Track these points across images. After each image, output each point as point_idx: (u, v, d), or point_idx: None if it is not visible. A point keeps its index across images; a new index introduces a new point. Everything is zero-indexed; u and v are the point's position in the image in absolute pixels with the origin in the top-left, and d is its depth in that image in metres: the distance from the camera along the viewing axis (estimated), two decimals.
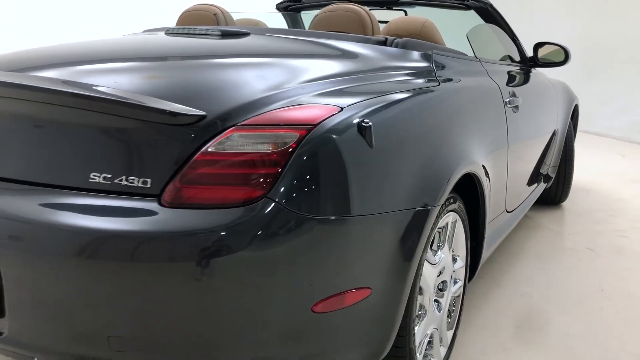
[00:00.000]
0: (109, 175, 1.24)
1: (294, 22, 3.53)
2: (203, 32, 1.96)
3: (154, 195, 1.21)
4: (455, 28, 2.98)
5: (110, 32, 3.74)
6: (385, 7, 3.20)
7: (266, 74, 1.60)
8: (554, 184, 3.76)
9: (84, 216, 1.21)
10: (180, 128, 1.24)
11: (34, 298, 1.25)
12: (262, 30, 2.15)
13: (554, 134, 3.36)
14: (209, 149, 1.23)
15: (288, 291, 1.24)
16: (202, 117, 1.25)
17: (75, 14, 6.83)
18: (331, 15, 2.17)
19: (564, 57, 3.02)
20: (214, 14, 2.40)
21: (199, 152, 1.23)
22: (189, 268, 1.17)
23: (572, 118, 3.87)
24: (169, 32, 2.06)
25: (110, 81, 1.41)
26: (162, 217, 1.19)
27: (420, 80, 1.83)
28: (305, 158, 1.24)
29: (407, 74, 1.85)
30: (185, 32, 2.00)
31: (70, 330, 1.25)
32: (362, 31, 2.13)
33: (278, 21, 3.44)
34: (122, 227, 1.18)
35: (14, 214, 1.25)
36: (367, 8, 2.24)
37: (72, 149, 1.30)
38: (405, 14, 3.15)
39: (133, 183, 1.22)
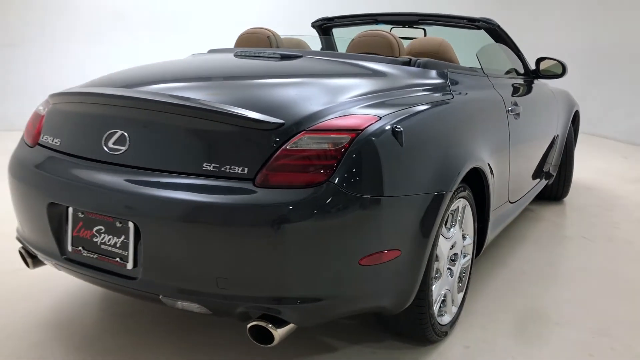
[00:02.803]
0: (217, 165, 1.74)
1: (327, 38, 4.04)
2: (266, 54, 2.47)
3: (249, 179, 1.71)
4: (466, 41, 3.48)
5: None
6: (407, 26, 3.68)
7: (322, 91, 2.11)
8: (555, 182, 4.22)
9: (200, 193, 1.72)
10: (266, 132, 1.74)
11: (163, 252, 1.76)
12: (310, 52, 2.65)
13: (554, 136, 3.83)
14: (287, 147, 1.73)
15: (342, 247, 1.73)
16: (282, 124, 1.75)
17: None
18: (366, 40, 2.68)
19: (562, 70, 3.49)
20: (267, 37, 2.91)
21: (280, 149, 1.73)
22: (274, 229, 1.66)
23: (573, 122, 4.33)
24: (238, 54, 2.57)
25: (212, 96, 1.92)
26: (256, 194, 1.69)
27: (438, 94, 2.32)
28: (354, 154, 1.74)
29: (427, 89, 2.34)
30: (252, 54, 2.51)
31: (188, 274, 1.75)
32: (390, 52, 2.63)
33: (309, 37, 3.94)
34: (228, 200, 1.69)
35: (151, 193, 1.76)
36: (394, 33, 2.74)
37: (189, 146, 1.80)
38: (425, 32, 3.63)
39: (234, 170, 1.73)
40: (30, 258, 2.21)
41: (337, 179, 1.70)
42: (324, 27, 3.97)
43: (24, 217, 2.11)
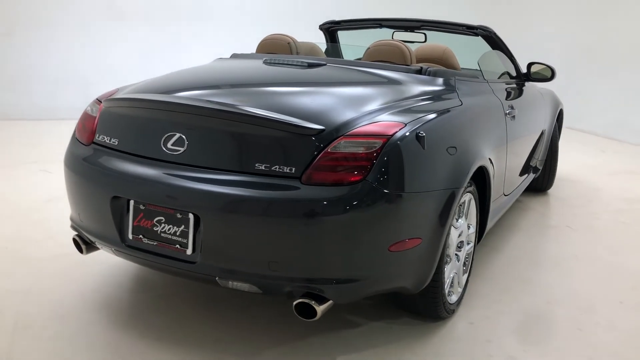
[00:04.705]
0: (268, 165, 2.02)
1: (332, 39, 4.32)
2: (294, 62, 2.74)
3: (296, 177, 1.99)
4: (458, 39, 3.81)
5: None
6: (409, 30, 3.97)
7: (352, 99, 2.39)
8: (541, 175, 4.57)
9: (255, 189, 1.99)
10: (310, 137, 2.02)
11: (222, 239, 2.03)
12: (332, 60, 2.92)
13: (541, 134, 4.17)
14: (328, 150, 2.01)
15: (375, 235, 2.03)
16: (323, 130, 2.04)
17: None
18: (380, 49, 2.96)
19: (551, 74, 3.81)
20: (288, 43, 3.17)
21: (323, 152, 2.01)
22: (319, 220, 1.95)
23: (557, 120, 4.68)
24: (268, 61, 2.83)
25: (260, 103, 2.17)
26: (302, 190, 1.97)
27: (449, 101, 2.61)
28: (386, 156, 2.03)
29: (439, 97, 2.63)
30: (280, 61, 2.78)
31: (243, 258, 2.03)
32: (402, 60, 2.92)
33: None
34: (279, 195, 1.97)
35: (210, 188, 2.03)
36: (404, 42, 3.03)
37: (242, 148, 2.08)
38: (425, 36, 3.92)
39: (283, 170, 2.00)
40: (85, 245, 2.46)
41: (372, 177, 1.99)
42: (331, 30, 4.24)
43: (84, 207, 2.36)
